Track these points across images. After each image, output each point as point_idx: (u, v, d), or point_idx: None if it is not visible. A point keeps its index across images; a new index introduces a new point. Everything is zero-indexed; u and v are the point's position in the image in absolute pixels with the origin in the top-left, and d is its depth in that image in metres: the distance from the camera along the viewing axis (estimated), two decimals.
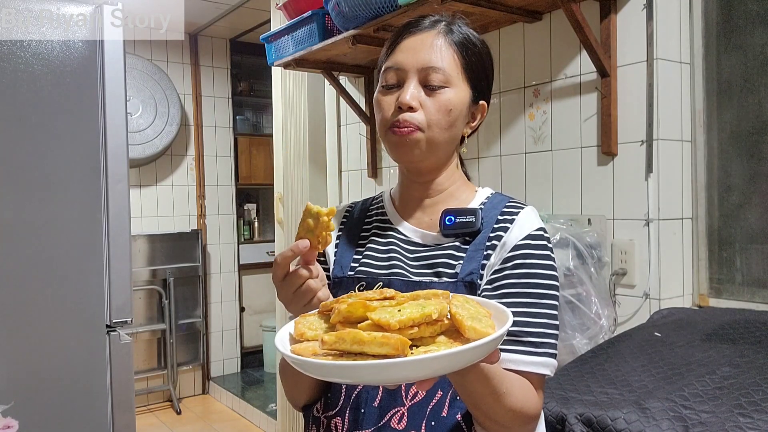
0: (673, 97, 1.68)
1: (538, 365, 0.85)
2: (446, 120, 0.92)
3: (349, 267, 0.98)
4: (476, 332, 0.64)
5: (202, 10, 3.95)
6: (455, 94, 0.92)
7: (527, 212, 0.94)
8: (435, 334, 0.67)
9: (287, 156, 3.19)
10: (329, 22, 2.04)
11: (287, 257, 0.79)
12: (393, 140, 0.93)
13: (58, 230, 1.68)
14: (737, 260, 1.67)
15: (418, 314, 0.64)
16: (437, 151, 0.94)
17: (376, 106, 0.96)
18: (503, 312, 0.70)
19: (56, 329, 1.69)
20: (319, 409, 0.96)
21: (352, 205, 1.09)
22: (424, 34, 0.93)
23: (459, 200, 0.99)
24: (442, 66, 0.91)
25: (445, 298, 0.71)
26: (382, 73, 0.96)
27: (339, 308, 0.69)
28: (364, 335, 0.62)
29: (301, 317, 0.75)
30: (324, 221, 0.80)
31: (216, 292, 4.62)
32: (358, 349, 0.62)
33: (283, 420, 3.25)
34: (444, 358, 0.61)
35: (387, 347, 0.60)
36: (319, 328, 0.72)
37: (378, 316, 0.64)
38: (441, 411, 0.87)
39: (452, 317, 0.67)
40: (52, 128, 1.68)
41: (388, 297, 0.72)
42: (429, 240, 0.96)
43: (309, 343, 0.70)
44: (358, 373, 0.62)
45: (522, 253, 0.90)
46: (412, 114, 0.90)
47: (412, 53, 0.92)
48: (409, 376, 0.63)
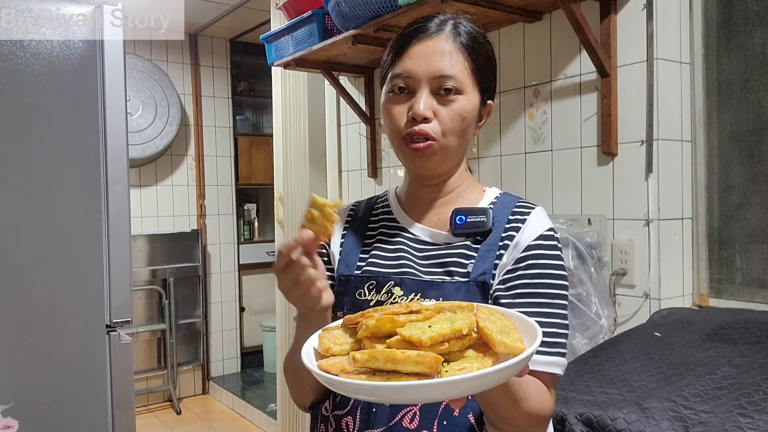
0: (673, 97, 1.68)
1: (551, 365, 0.86)
2: (460, 127, 0.91)
3: (356, 266, 0.98)
4: (506, 346, 0.64)
5: (202, 10, 3.95)
6: (468, 101, 0.92)
7: (538, 212, 0.95)
8: (463, 347, 0.67)
9: (287, 156, 3.19)
10: (329, 22, 2.04)
11: (290, 247, 0.79)
12: (408, 153, 0.92)
13: (58, 230, 1.68)
14: (737, 260, 1.67)
15: (449, 330, 0.64)
16: (452, 158, 0.94)
17: (385, 114, 0.95)
18: (529, 324, 0.70)
19: (56, 329, 1.69)
20: (328, 408, 0.95)
21: (356, 205, 1.08)
22: (433, 39, 0.92)
23: (467, 200, 0.99)
24: (454, 74, 0.90)
25: (470, 311, 0.71)
26: (389, 79, 0.94)
27: (367, 323, 0.68)
28: (398, 354, 0.61)
29: (324, 331, 0.74)
30: (328, 212, 0.80)
31: (216, 292, 4.61)
32: (391, 367, 0.62)
33: (283, 420, 3.25)
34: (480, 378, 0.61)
35: (421, 366, 0.60)
36: (345, 343, 0.71)
37: (409, 333, 0.64)
38: (453, 410, 0.87)
39: (480, 331, 0.67)
40: (52, 128, 1.68)
41: (414, 311, 0.71)
42: (439, 239, 0.96)
43: (336, 358, 0.69)
44: (398, 394, 0.62)
45: (535, 253, 0.90)
46: (426, 125, 0.90)
47: (423, 61, 0.91)
48: (446, 395, 0.63)
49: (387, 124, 0.95)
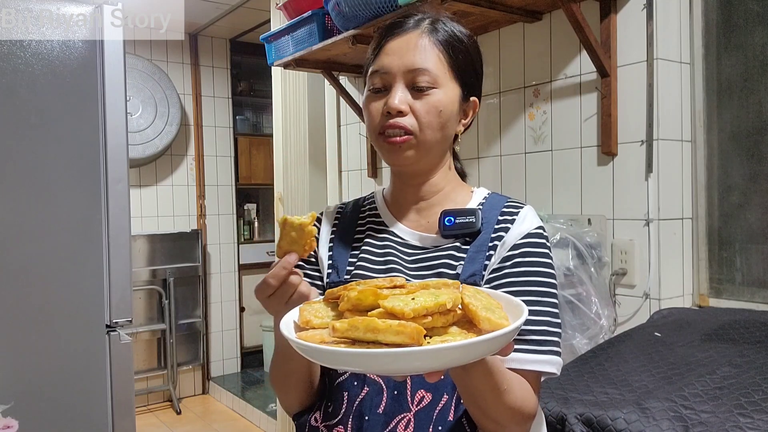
0: (673, 97, 1.68)
1: (543, 363, 0.84)
2: (437, 121, 0.90)
3: (345, 270, 0.96)
4: (491, 323, 0.63)
5: (202, 10, 3.95)
6: (444, 94, 0.91)
7: (526, 211, 0.94)
8: (447, 324, 0.65)
9: (287, 156, 3.19)
10: (329, 22, 2.04)
11: (282, 277, 0.77)
12: (385, 147, 0.92)
13: (58, 230, 1.68)
14: (737, 260, 1.67)
15: (432, 303, 0.63)
16: (429, 153, 0.93)
17: (364, 111, 0.95)
18: (515, 304, 0.69)
19: (56, 329, 1.69)
20: (318, 419, 0.93)
21: (343, 206, 1.07)
22: (408, 35, 0.92)
23: (455, 201, 0.98)
24: (427, 67, 0.90)
25: (456, 288, 0.70)
26: (368, 76, 0.94)
27: (348, 295, 0.66)
28: (378, 323, 0.60)
29: (306, 304, 0.73)
30: (308, 230, 0.78)
31: (216, 292, 4.61)
32: (371, 337, 0.60)
33: (283, 420, 3.25)
34: (462, 348, 0.59)
35: (402, 336, 0.59)
36: (326, 316, 0.70)
37: (391, 304, 0.62)
38: (447, 415, 0.86)
39: (465, 307, 0.65)
40: (52, 128, 1.68)
41: (398, 285, 0.70)
42: (427, 242, 0.95)
43: (316, 330, 0.67)
44: (373, 361, 0.60)
45: (522, 251, 0.89)
46: (401, 119, 0.89)
47: (397, 56, 0.91)
48: (424, 366, 0.61)
49: (366, 121, 0.95)
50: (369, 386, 0.89)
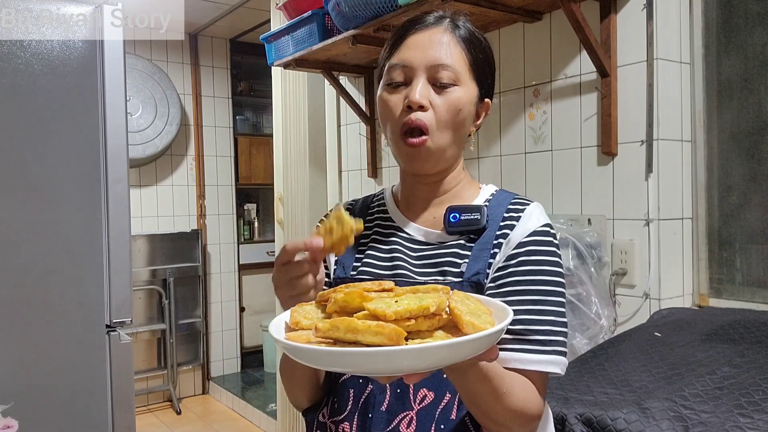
0: (673, 97, 1.68)
1: (547, 364, 0.83)
2: (455, 120, 0.90)
3: (351, 267, 0.97)
4: (474, 327, 0.63)
5: (202, 10, 3.95)
6: (464, 93, 0.90)
7: (533, 208, 0.93)
8: (433, 328, 0.65)
9: (287, 156, 3.19)
10: (329, 22, 2.04)
11: (298, 248, 0.78)
12: (406, 151, 0.91)
13: (58, 230, 1.68)
14: (737, 260, 1.67)
15: (415, 306, 0.63)
16: (446, 154, 0.92)
17: (381, 106, 0.93)
18: (505, 310, 0.69)
19: (56, 329, 1.69)
20: (326, 414, 0.94)
21: (353, 203, 1.07)
22: (431, 30, 0.91)
23: (463, 198, 0.97)
24: (451, 63, 0.89)
25: (445, 293, 0.70)
26: (386, 70, 0.93)
27: (335, 297, 0.68)
28: (358, 323, 0.60)
29: (298, 306, 0.74)
30: (347, 234, 0.78)
31: (216, 292, 4.61)
32: (351, 337, 0.61)
33: (283, 420, 3.25)
34: (435, 350, 0.59)
35: (381, 336, 0.59)
36: (315, 318, 0.71)
37: (374, 306, 0.63)
38: (450, 414, 0.86)
39: (451, 312, 0.65)
40: (52, 128, 1.68)
41: (387, 289, 0.71)
42: (433, 238, 0.94)
43: (304, 331, 0.68)
44: (346, 359, 0.61)
45: (527, 249, 0.88)
46: (422, 113, 0.88)
47: (420, 50, 0.90)
48: (399, 366, 0.61)
49: (382, 115, 0.93)
50: (373, 384, 0.89)
